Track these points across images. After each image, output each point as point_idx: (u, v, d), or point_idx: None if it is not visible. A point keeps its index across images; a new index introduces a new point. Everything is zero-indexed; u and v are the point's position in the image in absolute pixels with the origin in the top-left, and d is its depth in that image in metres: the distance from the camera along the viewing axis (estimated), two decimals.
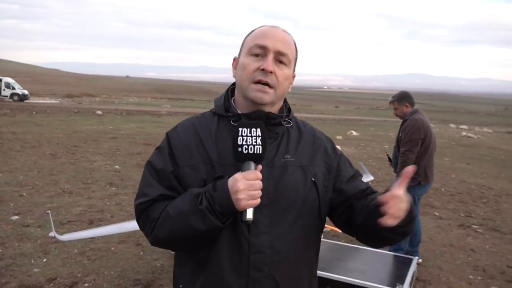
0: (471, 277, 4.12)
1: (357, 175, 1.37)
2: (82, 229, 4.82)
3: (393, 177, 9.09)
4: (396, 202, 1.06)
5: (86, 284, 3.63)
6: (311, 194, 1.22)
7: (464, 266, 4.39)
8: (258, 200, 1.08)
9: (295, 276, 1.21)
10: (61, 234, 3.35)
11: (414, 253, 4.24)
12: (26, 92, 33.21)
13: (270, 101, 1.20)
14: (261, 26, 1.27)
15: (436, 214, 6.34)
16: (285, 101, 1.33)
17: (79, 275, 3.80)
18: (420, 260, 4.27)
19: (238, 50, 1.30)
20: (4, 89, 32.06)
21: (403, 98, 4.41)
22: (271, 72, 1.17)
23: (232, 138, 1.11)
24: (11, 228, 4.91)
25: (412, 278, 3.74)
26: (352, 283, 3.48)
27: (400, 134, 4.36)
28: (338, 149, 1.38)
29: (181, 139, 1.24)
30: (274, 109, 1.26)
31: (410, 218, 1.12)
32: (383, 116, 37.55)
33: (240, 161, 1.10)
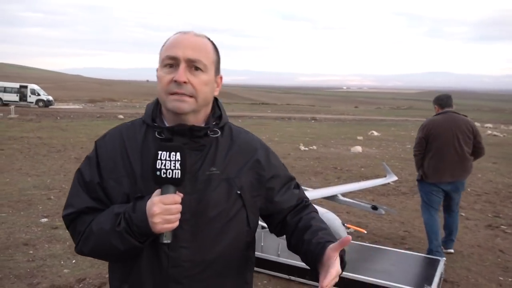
0: (501, 278, 4.02)
1: (291, 185, 1.36)
2: None
3: (416, 177, 8.95)
4: (334, 282, 1.06)
5: None
6: (237, 206, 1.21)
7: (493, 267, 4.28)
8: (175, 224, 1.08)
9: (220, 280, 1.20)
10: None
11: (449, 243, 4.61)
12: (50, 98, 34.09)
13: (191, 109, 1.17)
14: (174, 34, 1.23)
15: (463, 214, 6.20)
16: (215, 107, 1.29)
17: (107, 275, 3.86)
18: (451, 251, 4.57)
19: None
20: (30, 96, 32.98)
21: (434, 100, 4.74)
22: (185, 82, 1.14)
23: (151, 161, 1.09)
24: (41, 230, 5.06)
25: (440, 279, 3.68)
26: (378, 284, 3.45)
27: None
28: (274, 157, 1.35)
29: (107, 149, 1.22)
30: (200, 118, 1.22)
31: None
32: (404, 115, 36.98)
33: (158, 184, 1.09)
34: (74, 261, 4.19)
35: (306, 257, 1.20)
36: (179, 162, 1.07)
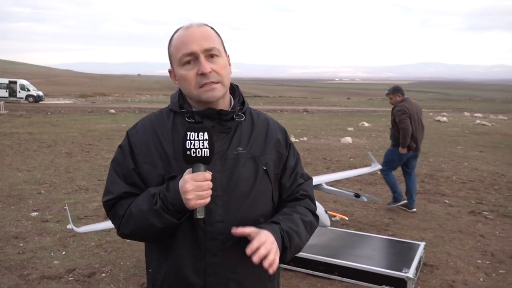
0: (479, 261, 4.17)
1: (299, 173, 1.42)
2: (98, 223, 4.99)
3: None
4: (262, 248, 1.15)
5: (103, 274, 3.79)
6: (264, 182, 1.31)
7: (473, 251, 4.43)
8: (207, 200, 1.16)
9: (249, 259, 1.27)
10: (78, 227, 3.51)
11: (412, 204, 5.81)
12: (40, 93, 33.82)
13: (222, 94, 1.27)
14: (175, 32, 1.30)
15: (447, 201, 6.35)
16: (239, 94, 1.39)
17: (96, 266, 3.96)
18: (415, 210, 5.72)
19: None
20: (19, 91, 32.70)
21: (397, 90, 5.94)
22: (210, 72, 1.22)
23: (181, 142, 1.17)
24: (31, 223, 5.12)
25: (419, 263, 3.81)
26: (359, 268, 3.57)
27: (391, 116, 5.89)
28: (290, 142, 1.45)
29: (139, 137, 1.31)
30: (226, 102, 1.32)
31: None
32: None
33: (189, 163, 1.17)
34: (64, 252, 4.27)
35: None
36: (207, 141, 1.15)
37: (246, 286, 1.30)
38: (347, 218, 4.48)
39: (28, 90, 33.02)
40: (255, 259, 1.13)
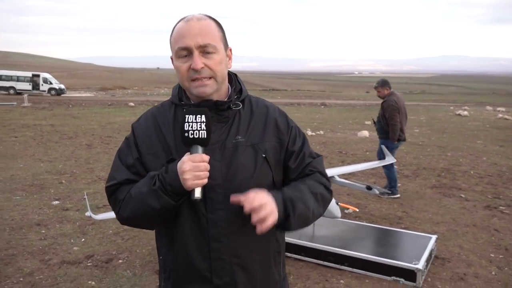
0: (492, 255, 4.14)
1: (306, 153, 1.42)
2: None
3: (420, 161, 9.02)
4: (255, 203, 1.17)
5: (120, 261, 3.94)
6: (264, 169, 1.32)
7: (486, 245, 4.40)
8: (205, 180, 1.20)
9: (254, 246, 1.31)
10: (96, 215, 3.65)
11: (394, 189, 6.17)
12: (62, 86, 34.57)
13: (214, 90, 1.29)
14: (178, 22, 1.31)
15: (462, 196, 6.29)
16: (236, 82, 1.41)
17: (114, 252, 4.11)
18: (399, 195, 6.03)
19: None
20: (42, 84, 33.48)
21: (385, 83, 6.31)
22: (202, 68, 1.24)
23: (180, 125, 1.22)
24: (53, 211, 5.32)
25: (430, 255, 3.82)
26: (369, 259, 3.61)
27: (381, 110, 6.27)
28: (292, 123, 1.44)
29: (143, 129, 1.36)
30: (222, 93, 1.34)
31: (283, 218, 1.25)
32: (416, 100, 36.58)
33: (187, 145, 1.21)
34: (83, 239, 4.44)
35: None
36: (204, 123, 1.20)
37: (251, 270, 1.33)
38: (357, 210, 4.51)
39: (51, 83, 33.78)
40: (246, 207, 1.16)
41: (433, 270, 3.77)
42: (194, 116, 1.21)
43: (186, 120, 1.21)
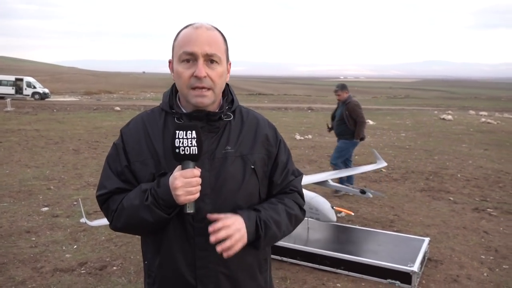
0: (483, 257, 4.22)
1: (290, 170, 1.45)
2: None
3: (408, 164, 9.15)
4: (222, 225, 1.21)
5: (114, 267, 3.89)
6: (251, 180, 1.34)
7: (477, 247, 4.49)
8: (196, 195, 1.21)
9: (240, 254, 1.30)
10: (90, 221, 3.60)
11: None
12: (46, 90, 34.03)
13: (211, 102, 1.30)
14: (185, 28, 1.31)
15: (451, 198, 6.40)
16: (228, 92, 1.41)
17: (107, 259, 4.06)
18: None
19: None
20: (25, 88, 32.88)
21: (344, 87, 6.74)
22: (204, 77, 1.25)
23: (170, 141, 1.21)
24: (42, 218, 5.23)
25: (424, 258, 3.88)
26: (365, 262, 3.64)
27: (346, 112, 6.48)
28: (280, 136, 1.47)
29: (132, 135, 1.35)
30: (215, 105, 1.35)
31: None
32: (400, 104, 37.12)
33: (178, 160, 1.21)
34: (75, 246, 4.37)
35: None
36: (195, 139, 1.20)
37: (236, 279, 1.34)
38: (353, 213, 4.55)
39: (34, 87, 33.22)
40: (211, 239, 1.19)
41: (427, 272, 3.83)
42: (184, 132, 1.20)
43: (177, 136, 1.20)
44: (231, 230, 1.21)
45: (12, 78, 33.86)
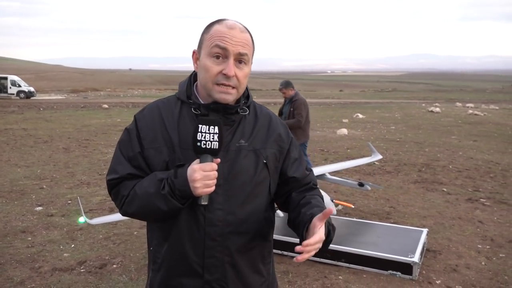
0: (479, 246, 4.29)
1: (304, 165, 1.48)
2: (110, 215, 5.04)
3: (400, 157, 9.24)
4: (317, 246, 1.17)
5: (114, 265, 3.85)
6: (263, 175, 1.36)
7: (473, 236, 4.55)
8: (212, 188, 1.23)
9: (246, 246, 1.34)
10: (89, 219, 3.56)
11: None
12: (32, 89, 33.48)
13: (234, 99, 1.32)
14: (217, 22, 1.32)
15: (445, 190, 6.49)
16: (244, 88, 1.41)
17: (107, 257, 4.02)
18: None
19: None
20: (10, 87, 32.32)
21: (290, 84, 6.30)
22: (233, 76, 1.27)
23: (192, 133, 1.23)
24: (37, 218, 5.15)
25: (423, 248, 3.92)
26: (366, 254, 3.67)
27: (291, 108, 6.16)
28: (292, 135, 1.50)
29: (147, 122, 1.35)
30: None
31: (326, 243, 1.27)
32: (388, 98, 37.48)
33: (198, 153, 1.23)
34: (73, 245, 4.31)
35: (298, 228, 1.34)
36: (217, 135, 1.22)
37: (240, 268, 1.36)
38: (353, 206, 4.58)
39: (19, 86, 32.66)
40: (299, 258, 1.16)
41: (426, 262, 3.87)
42: (207, 126, 1.22)
43: (199, 130, 1.22)
44: (318, 245, 1.19)
45: None
